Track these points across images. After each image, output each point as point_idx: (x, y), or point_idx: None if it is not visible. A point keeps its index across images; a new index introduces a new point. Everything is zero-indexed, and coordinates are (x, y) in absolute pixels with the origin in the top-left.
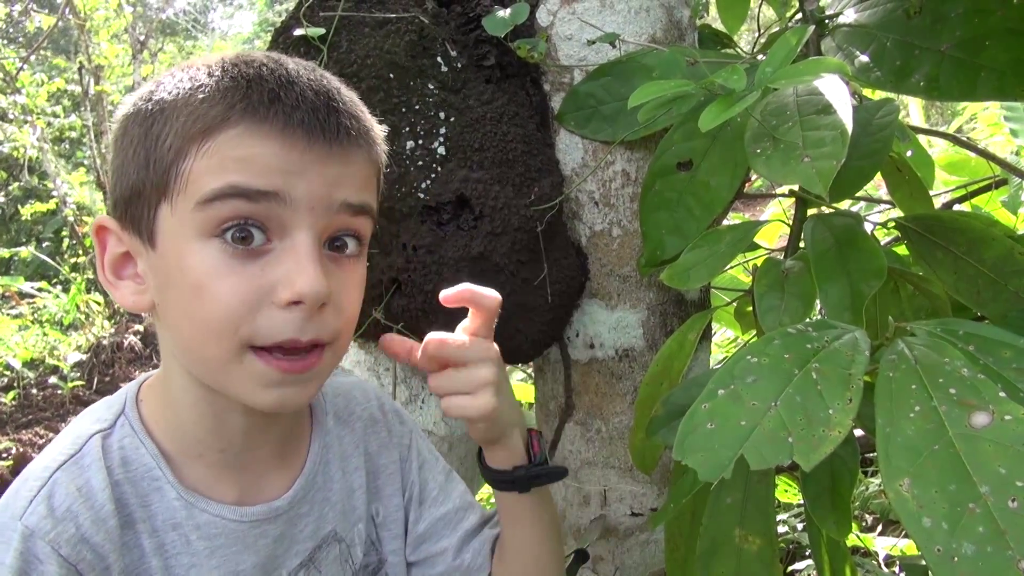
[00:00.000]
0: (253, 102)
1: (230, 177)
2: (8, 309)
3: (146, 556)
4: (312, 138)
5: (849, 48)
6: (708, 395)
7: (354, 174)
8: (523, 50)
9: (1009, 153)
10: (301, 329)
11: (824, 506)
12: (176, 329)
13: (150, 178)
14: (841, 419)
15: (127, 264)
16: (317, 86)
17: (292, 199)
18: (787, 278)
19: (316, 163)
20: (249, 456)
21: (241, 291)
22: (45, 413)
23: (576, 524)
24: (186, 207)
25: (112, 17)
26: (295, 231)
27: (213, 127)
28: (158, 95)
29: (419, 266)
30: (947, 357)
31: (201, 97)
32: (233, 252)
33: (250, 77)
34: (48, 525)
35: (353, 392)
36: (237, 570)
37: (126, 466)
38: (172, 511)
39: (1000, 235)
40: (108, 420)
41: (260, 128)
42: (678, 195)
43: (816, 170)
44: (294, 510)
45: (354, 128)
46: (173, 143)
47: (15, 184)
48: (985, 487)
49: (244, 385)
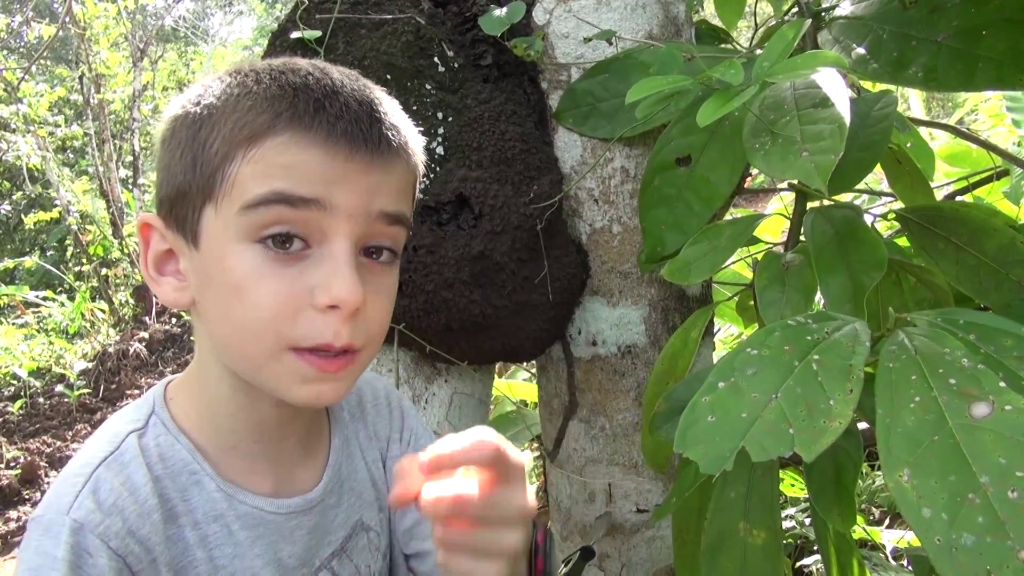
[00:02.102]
0: (299, 111)
1: (275, 184)
2: (14, 319)
3: (190, 548)
4: (354, 148)
5: (846, 40)
6: (709, 388)
7: (393, 183)
8: (520, 49)
9: (1011, 144)
10: (336, 334)
11: (828, 498)
12: (215, 327)
13: (196, 180)
14: (842, 410)
15: (169, 261)
16: (360, 96)
17: (332, 207)
18: (788, 271)
19: (357, 172)
20: (280, 447)
21: (280, 294)
22: (52, 422)
23: (581, 521)
24: (230, 210)
25: (111, 26)
26: (334, 238)
27: (259, 134)
28: (207, 99)
29: (420, 266)
30: (947, 347)
31: (248, 104)
32: (274, 256)
33: (296, 86)
34: (96, 518)
35: (363, 387)
36: (277, 559)
37: (164, 462)
38: (213, 503)
39: (1001, 225)
40: (140, 420)
41: (305, 137)
42: (677, 191)
43: (815, 164)
44: (325, 501)
45: (395, 139)
46: (220, 148)
47: (19, 193)
48: (985, 477)
49: (281, 381)
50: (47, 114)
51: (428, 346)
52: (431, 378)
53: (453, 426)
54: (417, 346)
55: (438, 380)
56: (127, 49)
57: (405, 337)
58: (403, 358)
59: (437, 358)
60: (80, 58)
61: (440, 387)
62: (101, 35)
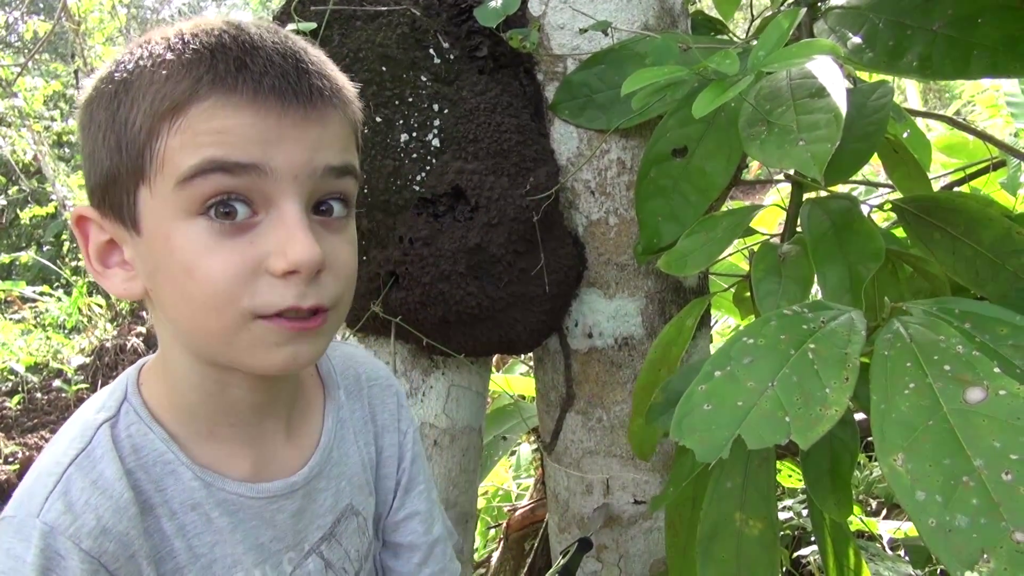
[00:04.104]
0: (219, 72)
1: (206, 152)
2: (11, 314)
3: (168, 539)
4: (285, 103)
5: (841, 30)
6: (705, 377)
7: (333, 135)
8: (515, 40)
9: (1007, 134)
10: (302, 296)
11: (825, 488)
12: (172, 310)
13: (124, 163)
14: (838, 398)
15: (113, 252)
16: (283, 48)
17: (273, 169)
18: (784, 262)
19: (293, 129)
20: (258, 430)
21: (233, 266)
22: (50, 417)
23: (579, 513)
24: (166, 188)
25: (107, 20)
26: (281, 201)
27: (182, 103)
28: (119, 75)
29: (416, 259)
30: (942, 335)
31: (165, 74)
32: (220, 228)
33: (212, 47)
34: (67, 521)
35: (362, 366)
36: (258, 543)
37: (137, 453)
38: (189, 492)
39: (998, 215)
40: (112, 408)
41: (231, 98)
42: (674, 182)
43: (811, 153)
44: (311, 485)
45: (327, 88)
46: (143, 124)
47: (14, 188)
48: (979, 460)
49: (251, 350)
50: (43, 109)
51: (425, 338)
52: (428, 370)
53: (450, 418)
54: (414, 338)
55: (435, 372)
56: (122, 44)
57: (402, 330)
58: (400, 351)
59: (434, 350)
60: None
61: (437, 379)
62: (96, 29)
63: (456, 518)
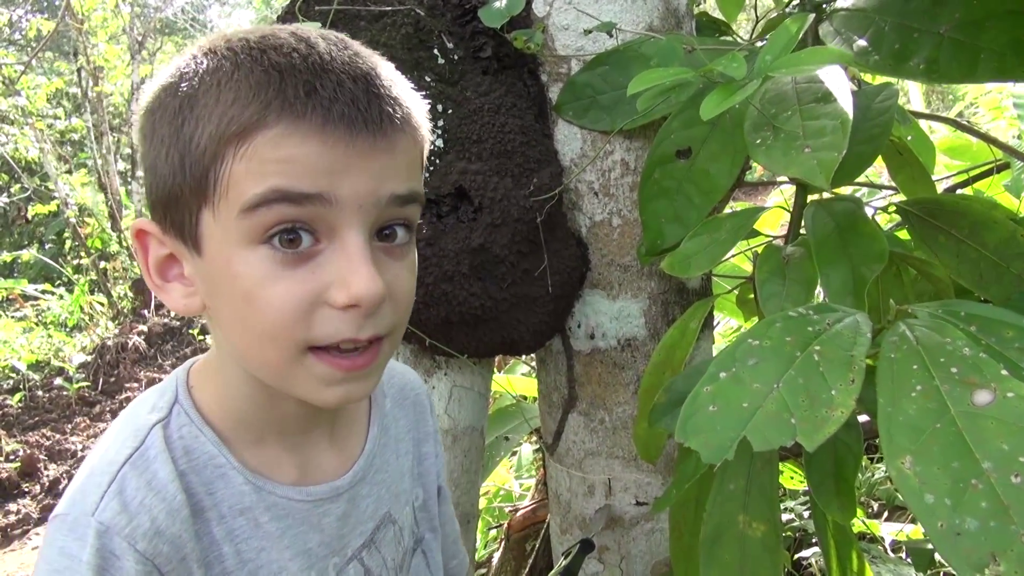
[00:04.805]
0: (288, 98)
1: (271, 181)
2: (12, 312)
3: (217, 543)
4: (354, 132)
5: (847, 32)
6: (710, 378)
7: (400, 163)
8: (520, 41)
9: (1011, 136)
10: (360, 328)
11: (828, 490)
12: (230, 334)
13: (188, 183)
14: (844, 399)
15: (172, 266)
16: (354, 71)
17: (338, 199)
18: (788, 264)
19: (360, 159)
20: (304, 438)
21: (294, 296)
22: (51, 415)
23: (581, 514)
24: (229, 214)
25: (110, 18)
26: (344, 231)
27: (249, 128)
28: (184, 87)
29: (419, 259)
30: (949, 337)
31: (232, 96)
32: (283, 258)
33: (282, 67)
34: (123, 521)
35: (407, 376)
36: (305, 548)
37: (189, 455)
38: (239, 496)
39: (1002, 218)
40: (163, 409)
41: (299, 126)
42: (677, 183)
43: (817, 161)
44: (355, 490)
45: (398, 115)
46: (208, 146)
47: (16, 186)
48: (988, 463)
49: (306, 385)
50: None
51: (427, 339)
52: (431, 371)
53: (453, 419)
54: (416, 339)
55: (438, 373)
56: (125, 42)
57: (404, 330)
58: (402, 351)
59: (436, 351)
60: (78, 51)
61: (440, 380)
62: (99, 28)
63: (458, 518)
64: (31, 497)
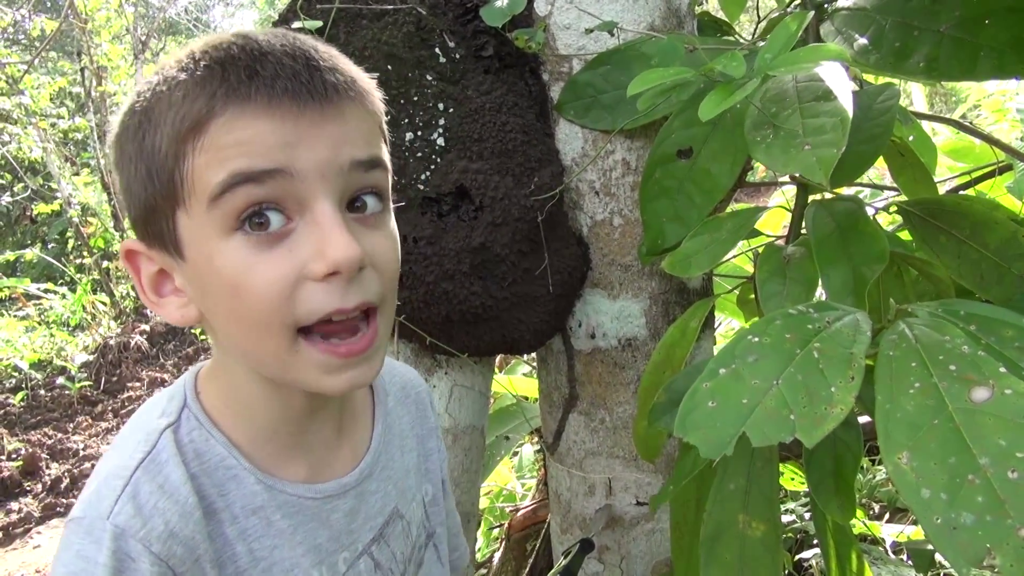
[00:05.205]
0: (232, 84)
1: (230, 165)
2: (15, 311)
3: (230, 543)
4: (301, 103)
5: (848, 31)
6: (710, 374)
7: (355, 129)
8: (521, 40)
9: (1014, 138)
10: (344, 296)
11: (828, 490)
12: (225, 331)
13: (158, 190)
14: (843, 396)
15: (165, 281)
16: (292, 50)
17: (299, 171)
18: (789, 264)
19: (312, 128)
20: (312, 436)
21: (276, 277)
22: (53, 414)
23: (581, 514)
24: (200, 208)
25: (113, 18)
26: (312, 202)
27: (201, 120)
28: (140, 105)
29: (420, 258)
30: (948, 335)
31: (181, 95)
32: (257, 240)
33: (222, 60)
34: (138, 524)
35: (408, 375)
36: (316, 544)
37: (200, 458)
38: (251, 496)
39: (1004, 219)
40: (173, 413)
41: (247, 108)
42: (678, 183)
43: (817, 158)
44: (363, 486)
45: (341, 82)
46: (168, 148)
47: (19, 185)
48: (985, 459)
49: (307, 374)
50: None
51: (428, 338)
52: (431, 370)
53: (453, 418)
54: (417, 338)
55: (438, 372)
56: (129, 42)
57: (405, 329)
58: (403, 350)
59: (437, 350)
60: (82, 50)
61: (440, 379)
62: (103, 27)
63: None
64: (33, 496)
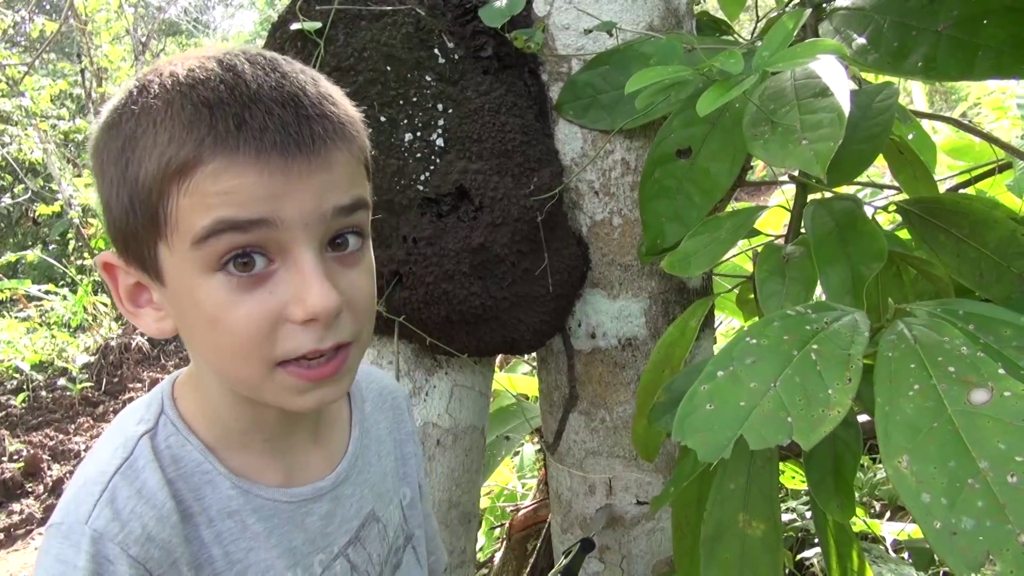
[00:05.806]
0: (220, 133)
1: (216, 212)
2: (16, 312)
3: (206, 545)
4: (288, 157)
5: (847, 31)
6: (707, 377)
7: (340, 176)
8: (520, 40)
9: (1013, 136)
10: (321, 339)
11: (827, 489)
12: (204, 354)
13: (140, 221)
14: (840, 398)
15: (142, 292)
16: (281, 96)
17: (283, 220)
18: (788, 263)
19: (299, 180)
20: (287, 442)
21: (256, 317)
22: (55, 415)
23: (582, 513)
24: (183, 246)
25: (113, 19)
26: (295, 249)
27: (187, 165)
28: (123, 128)
29: (420, 258)
30: (947, 336)
31: (167, 137)
32: (239, 282)
33: (211, 102)
34: (115, 528)
35: (384, 380)
36: (291, 547)
37: (176, 464)
38: (227, 500)
39: (1003, 217)
40: (150, 420)
41: (235, 160)
42: (678, 183)
43: (814, 152)
44: (338, 490)
45: (330, 132)
46: (152, 186)
47: (20, 187)
48: (984, 462)
49: (279, 395)
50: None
51: (428, 338)
52: (431, 370)
53: (453, 418)
54: (417, 338)
55: (438, 372)
56: (129, 43)
57: (405, 329)
58: (403, 350)
59: (437, 350)
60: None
61: (440, 379)
62: (103, 29)
63: (459, 517)
64: (35, 497)
